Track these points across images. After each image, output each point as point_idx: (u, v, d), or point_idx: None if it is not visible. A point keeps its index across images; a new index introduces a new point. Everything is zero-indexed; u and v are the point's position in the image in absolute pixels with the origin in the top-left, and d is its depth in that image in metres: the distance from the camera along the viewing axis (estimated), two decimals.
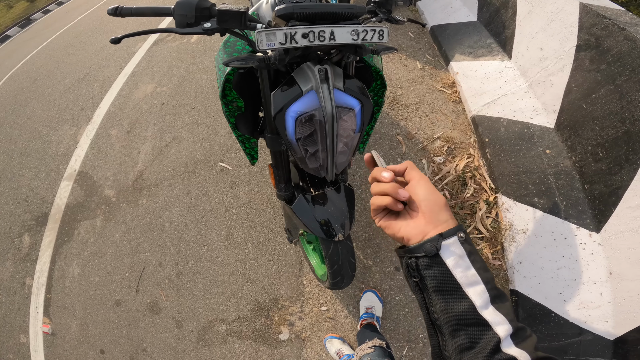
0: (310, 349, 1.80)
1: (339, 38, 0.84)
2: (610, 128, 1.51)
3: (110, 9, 0.81)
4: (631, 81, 1.43)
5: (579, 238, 1.55)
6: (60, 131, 3.77)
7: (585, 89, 1.68)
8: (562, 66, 1.85)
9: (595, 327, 1.40)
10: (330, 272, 1.38)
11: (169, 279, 2.23)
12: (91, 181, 3.03)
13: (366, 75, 1.29)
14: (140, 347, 2.09)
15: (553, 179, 1.71)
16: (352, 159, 1.53)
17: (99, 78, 4.30)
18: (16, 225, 3.07)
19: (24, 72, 5.78)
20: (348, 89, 0.96)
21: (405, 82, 2.68)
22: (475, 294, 0.44)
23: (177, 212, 2.50)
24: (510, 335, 0.42)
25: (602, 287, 1.44)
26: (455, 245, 0.45)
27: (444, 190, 2.00)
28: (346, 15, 0.89)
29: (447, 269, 0.45)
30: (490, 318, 0.43)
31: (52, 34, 7.09)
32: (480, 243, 1.79)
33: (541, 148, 1.83)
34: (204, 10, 0.81)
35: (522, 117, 1.99)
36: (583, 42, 1.72)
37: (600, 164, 1.55)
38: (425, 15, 3.10)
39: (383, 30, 0.88)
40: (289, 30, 0.81)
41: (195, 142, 2.91)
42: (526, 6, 2.14)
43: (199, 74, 3.63)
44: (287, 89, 0.95)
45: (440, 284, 0.45)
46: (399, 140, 2.32)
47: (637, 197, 1.34)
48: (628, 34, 1.45)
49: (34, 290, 2.58)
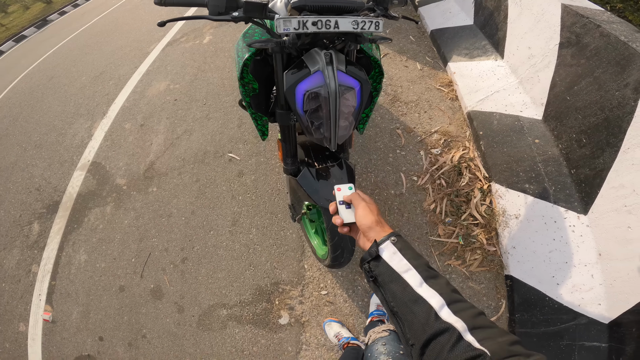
0: (309, 334, 1.82)
1: (342, 26, 1.00)
2: (591, 116, 1.61)
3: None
4: (607, 73, 1.54)
5: (568, 221, 1.62)
6: (75, 125, 3.92)
7: (568, 82, 1.79)
8: (547, 63, 1.97)
9: (589, 310, 1.43)
10: (331, 245, 1.47)
11: (174, 264, 2.29)
12: (104, 171, 3.15)
13: (366, 64, 1.42)
14: (139, 334, 2.12)
15: (542, 166, 1.81)
16: (354, 141, 1.67)
17: (115, 76, 4.49)
18: (26, 213, 3.17)
19: (40, 71, 6.00)
20: (349, 71, 1.10)
21: (406, 82, 2.81)
22: (409, 277, 0.58)
23: (185, 199, 2.60)
24: (445, 305, 0.53)
25: (593, 268, 1.49)
26: (389, 246, 0.62)
27: (440, 179, 2.10)
28: (348, 8, 1.07)
29: (386, 263, 0.61)
30: (424, 293, 0.55)
31: (68, 35, 7.35)
32: (475, 229, 1.87)
33: (530, 138, 1.93)
34: (232, 1, 0.98)
35: (513, 110, 2.10)
36: (565, 39, 1.84)
37: (584, 149, 1.64)
38: (426, 20, 3.25)
39: (379, 21, 1.03)
40: (302, 18, 0.97)
41: (206, 134, 3.04)
42: (516, 9, 2.27)
43: (211, 72, 3.79)
44: (298, 69, 1.10)
45: (385, 276, 0.61)
46: (399, 134, 2.44)
47: (619, 177, 1.42)
48: (603, 31, 1.57)
49: (39, 277, 2.64)
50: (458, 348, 0.47)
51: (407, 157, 2.31)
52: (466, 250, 1.83)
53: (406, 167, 2.25)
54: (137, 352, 2.05)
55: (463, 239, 1.86)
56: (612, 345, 1.38)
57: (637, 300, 1.28)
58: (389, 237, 0.64)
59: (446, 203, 2.00)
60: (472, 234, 1.86)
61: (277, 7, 1.45)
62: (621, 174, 1.41)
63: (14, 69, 6.91)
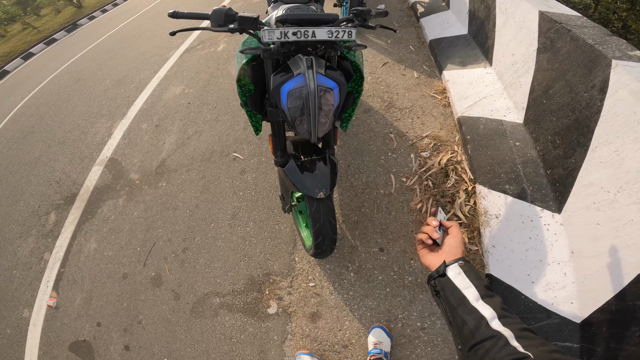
0: (295, 324, 1.89)
1: (318, 35, 1.19)
2: (564, 118, 1.68)
3: (170, 12, 1.24)
4: (577, 75, 1.61)
5: (543, 219, 1.67)
6: (97, 124, 4.20)
7: (544, 86, 1.87)
8: (527, 68, 2.05)
9: (561, 309, 1.46)
10: (313, 232, 1.59)
11: (175, 254, 2.42)
12: (119, 166, 3.37)
13: (349, 69, 1.57)
14: (136, 320, 2.21)
15: (521, 167, 1.88)
16: (338, 137, 1.82)
17: (136, 80, 4.79)
18: (45, 204, 3.39)
19: (68, 73, 6.40)
20: (328, 74, 1.28)
21: (402, 89, 2.93)
22: (468, 293, 0.66)
23: (191, 193, 2.77)
24: (496, 318, 0.60)
25: (566, 266, 1.52)
26: (455, 267, 0.71)
27: (428, 180, 2.19)
28: (324, 20, 1.30)
29: (450, 280, 0.69)
30: (479, 307, 0.63)
31: (96, 39, 7.80)
32: None
33: (512, 141, 2.01)
34: (229, 16, 1.21)
35: (497, 115, 2.19)
36: (542, 45, 1.92)
37: (558, 150, 1.70)
38: (426, 31, 3.37)
39: (351, 30, 1.22)
40: (284, 29, 1.17)
41: (214, 135, 3.23)
42: (502, 17, 2.36)
43: (222, 78, 4.01)
44: (283, 72, 1.28)
45: (447, 291, 0.69)
46: (391, 138, 2.55)
47: (589, 175, 1.47)
48: (573, 35, 1.64)
49: (49, 264, 2.78)
50: (504, 350, 0.53)
51: (397, 159, 2.41)
52: None
53: (396, 169, 2.35)
54: (130, 338, 2.15)
55: None
56: (584, 345, 1.38)
57: (606, 298, 1.30)
58: (457, 260, 0.72)
59: (432, 203, 2.08)
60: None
61: (271, 21, 1.65)
62: (590, 172, 1.46)
63: (44, 70, 7.36)
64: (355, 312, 1.84)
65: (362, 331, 1.78)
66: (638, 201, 1.21)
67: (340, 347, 1.76)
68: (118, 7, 11.19)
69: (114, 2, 12.17)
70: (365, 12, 1.37)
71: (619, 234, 1.27)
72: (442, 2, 3.63)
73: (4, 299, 2.75)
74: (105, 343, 2.19)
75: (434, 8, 3.65)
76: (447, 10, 3.45)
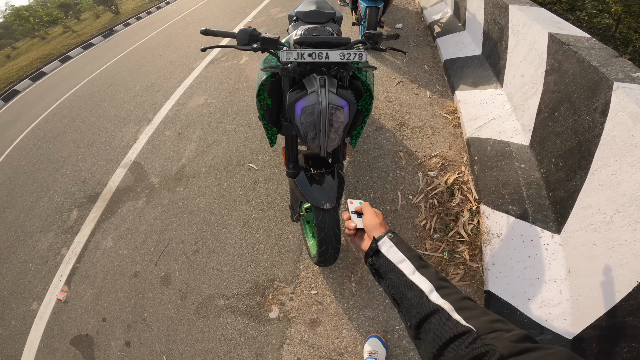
0: (294, 329, 1.93)
1: (331, 57, 1.32)
2: (567, 140, 1.69)
3: (202, 30, 1.41)
4: (581, 97, 1.62)
5: (543, 239, 1.70)
6: (124, 129, 4.44)
7: (550, 108, 1.89)
8: (535, 90, 2.07)
9: (555, 325, 1.47)
10: (318, 240, 1.66)
11: (186, 255, 2.50)
12: (142, 170, 3.55)
13: (360, 88, 1.67)
14: (140, 317, 2.27)
15: (525, 189, 1.90)
16: (348, 153, 1.92)
17: (163, 87, 5.05)
18: (69, 201, 3.58)
19: (102, 77, 6.78)
20: (340, 93, 1.39)
21: (414, 108, 3.00)
22: (403, 267, 0.67)
23: (206, 199, 2.89)
24: (434, 290, 0.60)
25: (562, 284, 1.54)
26: (386, 241, 0.73)
27: (433, 198, 2.23)
28: (337, 43, 1.41)
29: (384, 255, 0.71)
30: (415, 280, 0.64)
31: (129, 46, 8.26)
32: (460, 246, 1.97)
33: (517, 163, 2.04)
34: (254, 36, 1.37)
35: (505, 137, 2.22)
36: (550, 66, 1.94)
37: (560, 172, 1.72)
38: (441, 51, 3.44)
39: (362, 53, 1.33)
40: (300, 51, 1.30)
41: (231, 145, 3.37)
42: (514, 39, 2.40)
43: (244, 90, 4.19)
44: (298, 89, 1.41)
45: (384, 267, 0.70)
46: (400, 156, 2.61)
47: (588, 197, 1.49)
48: (579, 57, 1.66)
49: (65, 259, 2.90)
50: (447, 325, 0.54)
51: (405, 177, 2.46)
52: (450, 264, 1.93)
53: (403, 187, 2.41)
54: (133, 334, 2.21)
55: (448, 254, 1.97)
56: None
57: (598, 314, 1.31)
58: (386, 233, 0.74)
59: (436, 220, 2.12)
60: (457, 250, 1.97)
61: (290, 40, 1.78)
62: (589, 194, 1.48)
63: (79, 74, 7.82)
64: (353, 321, 1.88)
65: (358, 340, 1.81)
66: (633, 223, 1.23)
67: (337, 354, 1.79)
68: (151, 15, 11.87)
69: (148, 10, 12.85)
70: (377, 35, 1.47)
71: (613, 254, 1.30)
72: (459, 23, 3.71)
73: (15, 291, 2.88)
74: (107, 338, 2.27)
75: (450, 28, 3.74)
76: (462, 30, 3.53)
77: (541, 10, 2.32)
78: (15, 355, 2.43)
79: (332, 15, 2.38)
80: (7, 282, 3.01)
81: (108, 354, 2.19)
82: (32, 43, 16.75)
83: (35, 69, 10.66)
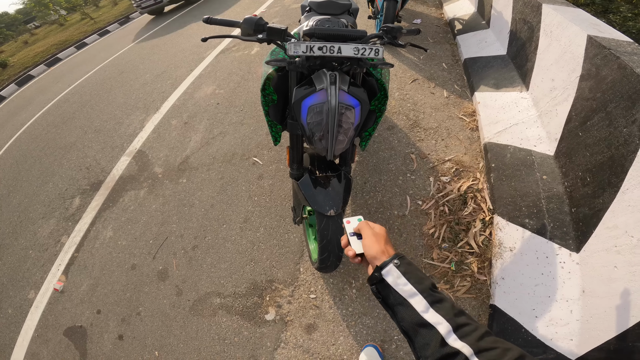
0: (290, 333, 1.87)
1: (344, 52, 1.17)
2: (598, 154, 1.56)
3: (205, 18, 1.26)
4: (619, 107, 1.48)
5: (560, 257, 1.59)
6: (132, 116, 4.40)
7: (582, 117, 1.74)
8: (567, 96, 1.91)
9: (559, 345, 1.40)
10: (320, 247, 1.56)
11: (185, 250, 2.45)
12: (146, 159, 3.50)
13: (374, 86, 1.53)
14: (135, 311, 2.24)
15: (545, 203, 1.77)
16: (356, 156, 1.77)
17: (172, 76, 4.99)
18: (72, 188, 3.57)
19: (114, 65, 6.79)
20: (351, 91, 1.25)
21: (429, 108, 2.85)
22: (415, 302, 0.60)
23: (208, 193, 2.82)
24: (452, 331, 0.55)
25: (574, 304, 1.46)
26: (392, 270, 0.65)
27: (444, 206, 2.10)
28: (352, 36, 1.25)
29: (391, 287, 0.63)
30: (430, 319, 0.57)
31: (143, 34, 8.24)
32: (469, 257, 1.85)
33: (539, 174, 1.89)
34: (259, 26, 1.22)
35: (527, 144, 2.06)
36: (586, 71, 1.78)
37: (587, 188, 1.59)
38: (461, 48, 3.27)
39: (379, 49, 1.18)
40: (310, 43, 1.15)
41: (237, 138, 3.28)
42: (546, 40, 2.23)
43: (252, 82, 4.09)
44: (306, 86, 1.27)
45: (392, 299, 0.63)
46: (412, 158, 2.48)
47: (615, 217, 1.37)
48: (621, 62, 1.51)
49: (65, 248, 2.89)
50: None
51: (416, 181, 2.33)
52: (456, 276, 1.82)
53: (413, 191, 2.28)
54: (126, 328, 2.18)
55: (455, 265, 1.85)
56: None
57: (607, 337, 1.25)
58: (391, 260, 0.66)
59: (445, 229, 2.00)
60: (465, 262, 1.85)
61: (300, 31, 1.65)
62: (617, 214, 1.37)
63: (93, 60, 7.87)
64: (351, 329, 1.80)
65: (355, 348, 1.73)
66: None
67: None
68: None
69: None
70: (396, 29, 1.33)
71: (635, 278, 1.22)
72: (482, 20, 3.52)
73: (14, 279, 2.88)
74: (100, 331, 2.24)
75: (472, 26, 3.55)
76: (486, 29, 3.34)
77: (578, 11, 2.14)
78: (9, 344, 2.42)
79: (347, 6, 2.22)
80: (6, 269, 3.01)
81: (100, 346, 2.16)
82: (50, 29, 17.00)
83: (50, 54, 10.79)
